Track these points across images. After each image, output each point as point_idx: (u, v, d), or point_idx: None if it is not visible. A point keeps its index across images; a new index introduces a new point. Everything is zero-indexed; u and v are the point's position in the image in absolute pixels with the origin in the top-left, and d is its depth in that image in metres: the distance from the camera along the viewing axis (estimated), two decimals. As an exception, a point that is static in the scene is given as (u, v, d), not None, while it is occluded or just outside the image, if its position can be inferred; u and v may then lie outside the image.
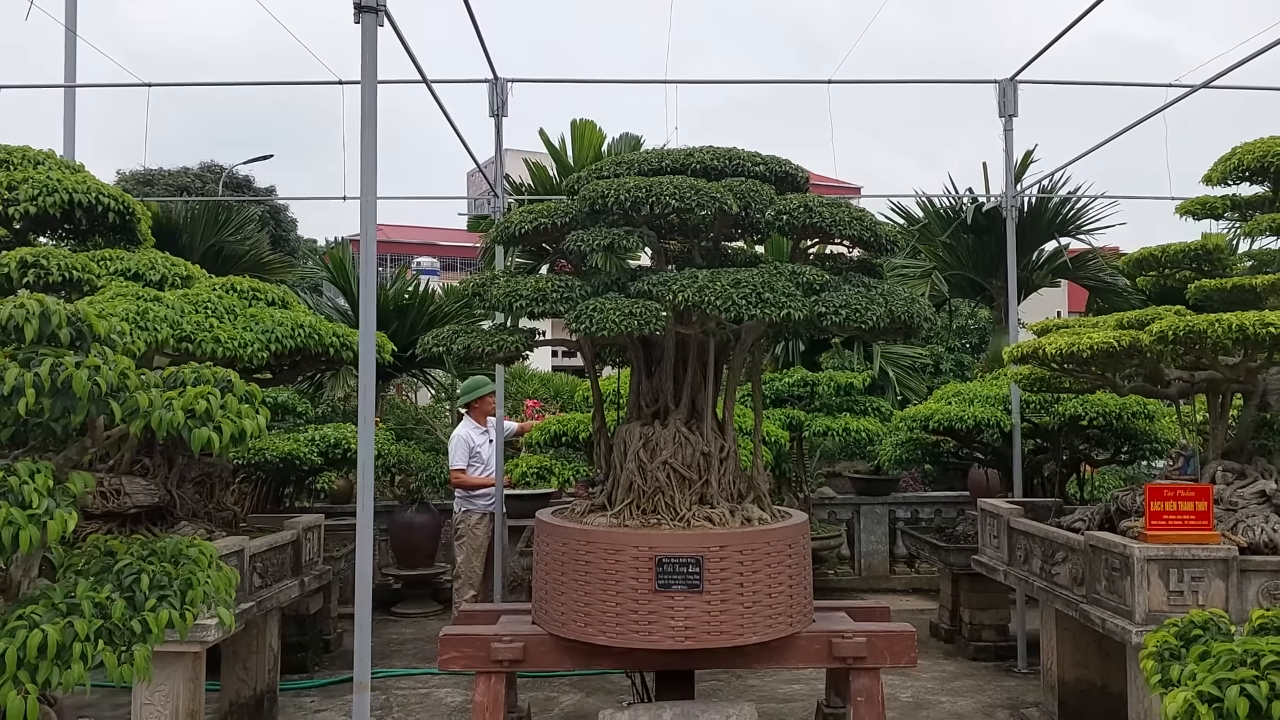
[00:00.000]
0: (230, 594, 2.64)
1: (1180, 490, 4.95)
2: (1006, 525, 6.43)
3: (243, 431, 2.40)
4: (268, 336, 4.87)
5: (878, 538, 10.86)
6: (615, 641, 4.77)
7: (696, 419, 5.18)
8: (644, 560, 4.72)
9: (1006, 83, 7.82)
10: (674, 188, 4.69)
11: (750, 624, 4.78)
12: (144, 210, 5.76)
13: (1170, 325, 5.02)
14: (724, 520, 4.97)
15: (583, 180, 5.16)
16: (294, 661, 7.33)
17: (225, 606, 2.47)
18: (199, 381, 2.43)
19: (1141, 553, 4.80)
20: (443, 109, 6.85)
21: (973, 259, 11.94)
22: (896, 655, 5.06)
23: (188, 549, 2.48)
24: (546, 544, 5.10)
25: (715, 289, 4.47)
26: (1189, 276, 6.33)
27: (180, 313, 4.71)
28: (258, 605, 5.38)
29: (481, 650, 4.98)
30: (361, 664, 4.23)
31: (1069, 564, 5.57)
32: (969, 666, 7.67)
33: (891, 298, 4.80)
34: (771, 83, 9.40)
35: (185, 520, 5.38)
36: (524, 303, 4.68)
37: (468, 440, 8.25)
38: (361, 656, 4.25)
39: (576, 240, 4.77)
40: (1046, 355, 5.60)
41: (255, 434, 2.46)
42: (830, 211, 4.87)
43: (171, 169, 30.02)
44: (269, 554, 5.66)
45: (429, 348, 5.11)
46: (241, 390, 2.50)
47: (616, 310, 4.46)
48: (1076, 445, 8.17)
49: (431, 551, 9.72)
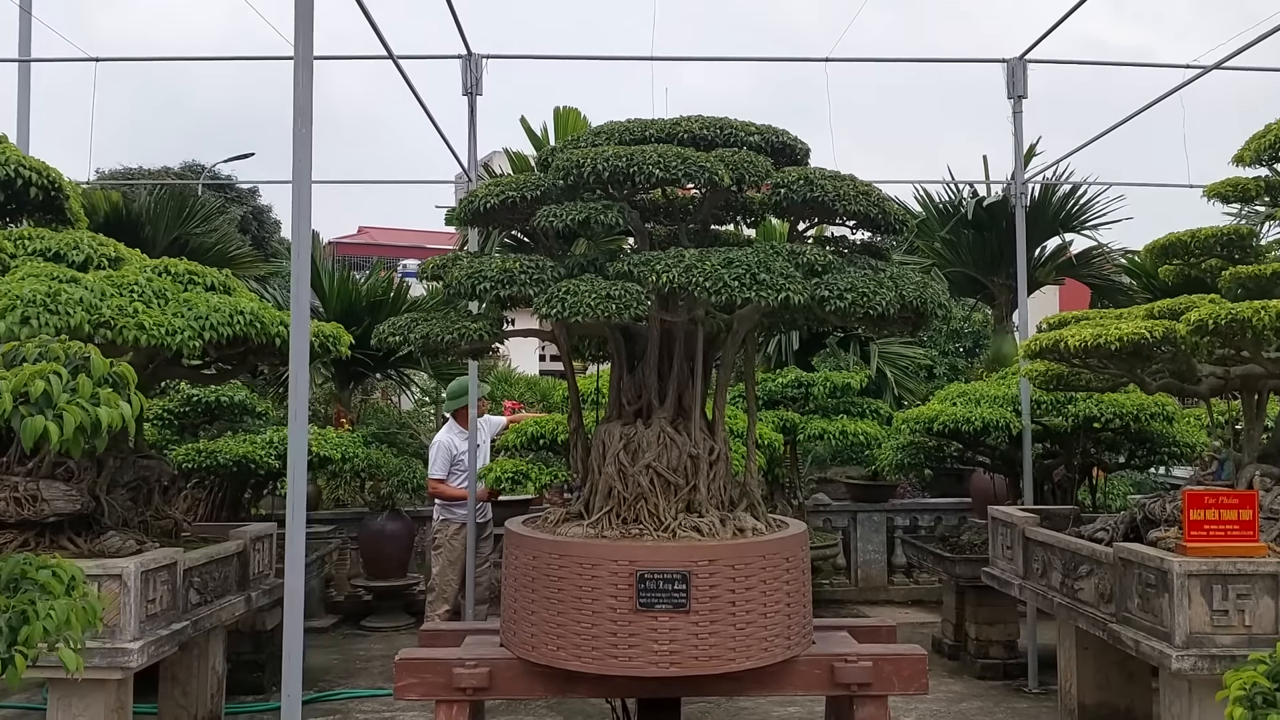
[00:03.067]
0: (95, 624, 2.10)
1: (1222, 497, 4.44)
2: (1021, 535, 5.91)
3: (96, 423, 1.87)
4: (202, 323, 4.32)
5: (875, 546, 10.35)
6: (591, 667, 4.23)
7: (683, 418, 4.64)
8: (623, 575, 4.19)
9: (1015, 61, 7.34)
10: (659, 156, 4.16)
11: (743, 647, 4.25)
12: (73, 187, 5.21)
13: (1209, 314, 4.51)
14: (714, 531, 4.44)
15: (556, 151, 4.63)
16: (249, 682, 6.78)
17: (72, 646, 1.94)
18: (45, 359, 1.90)
19: (1181, 567, 4.28)
20: (410, 85, 6.36)
21: (972, 255, 11.44)
22: (906, 681, 4.54)
23: (34, 571, 1.95)
24: (516, 557, 4.56)
25: (704, 269, 3.94)
26: (1217, 265, 5.83)
27: (100, 295, 4.16)
28: (193, 625, 4.83)
29: (442, 676, 4.44)
30: (291, 704, 3.67)
31: (1094, 578, 5.05)
32: (976, 686, 7.15)
33: (902, 281, 4.28)
34: (765, 60, 8.99)
35: (113, 530, 4.82)
36: (488, 284, 4.14)
37: (449, 447, 7.69)
38: (291, 689, 3.69)
39: (547, 216, 4.24)
40: (1069, 349, 5.08)
41: (116, 425, 1.93)
42: (834, 185, 4.35)
43: (153, 168, 29.46)
44: (209, 567, 5.10)
45: (385, 337, 4.57)
46: (101, 371, 1.97)
47: (592, 293, 3.93)
48: (1088, 449, 7.66)
49: (404, 561, 9.17)
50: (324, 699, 6.78)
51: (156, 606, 4.52)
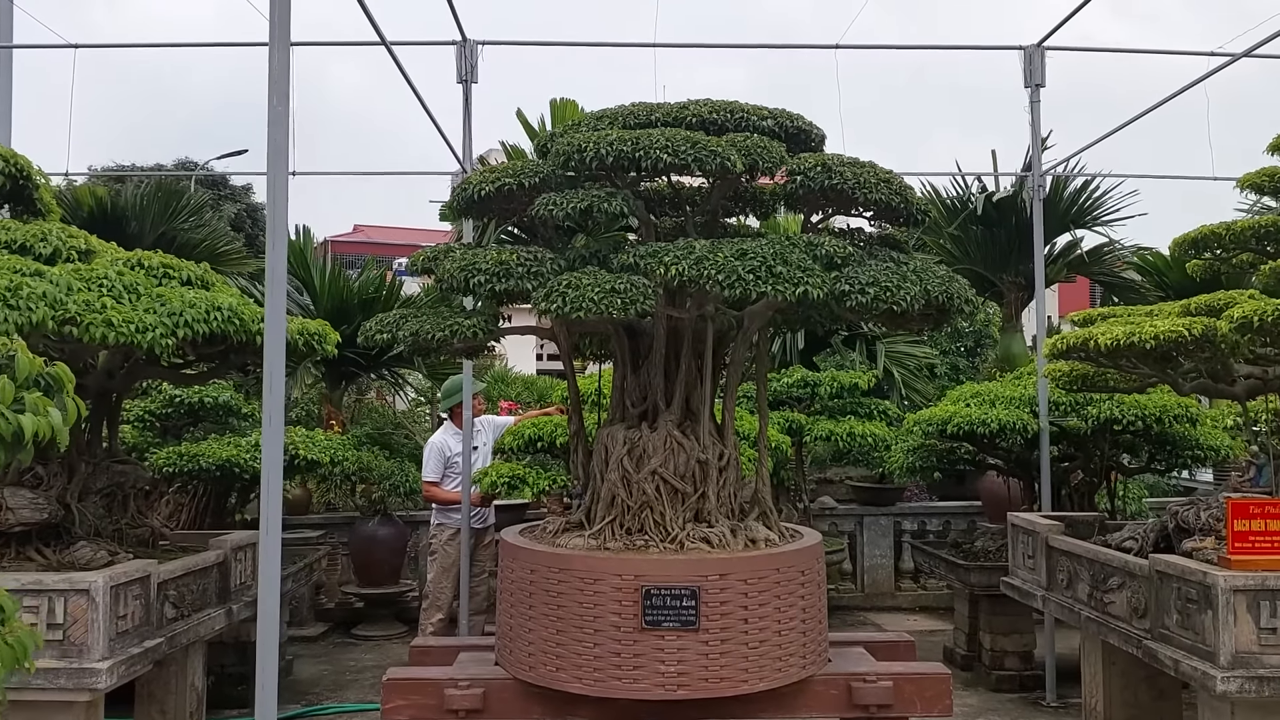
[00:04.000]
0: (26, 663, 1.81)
1: (1268, 507, 4.16)
2: (1044, 544, 5.62)
3: (19, 432, 1.57)
4: (175, 320, 4.02)
5: (882, 551, 10.05)
6: (593, 690, 3.94)
7: (691, 421, 4.35)
8: (628, 591, 3.90)
9: (1033, 49, 7.04)
10: (666, 140, 3.87)
11: (756, 668, 3.96)
12: (41, 175, 4.91)
13: (1255, 310, 4.23)
14: (724, 542, 4.15)
15: (556, 136, 4.34)
16: (234, 695, 6.46)
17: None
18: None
19: (1227, 582, 3.99)
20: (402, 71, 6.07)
21: (981, 252, 11.17)
22: (929, 703, 4.25)
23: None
24: (512, 570, 4.27)
25: (716, 261, 3.65)
26: (1249, 260, 5.56)
27: (66, 290, 3.86)
28: (169, 641, 4.53)
29: (433, 698, 4.14)
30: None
31: (1126, 591, 4.76)
32: (992, 699, 6.86)
33: (926, 275, 3.99)
34: (772, 47, 8.61)
35: (84, 540, 4.52)
36: (483, 278, 3.84)
37: (443, 449, 7.37)
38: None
39: (546, 205, 3.95)
40: (1099, 348, 4.80)
41: (45, 436, 1.64)
42: (854, 172, 4.07)
43: (146, 165, 29.16)
44: (186, 579, 4.80)
45: (372, 334, 4.28)
46: (31, 371, 1.67)
47: (595, 287, 3.64)
48: (1108, 452, 7.37)
49: (396, 567, 8.85)
50: (311, 714, 6.48)
51: (128, 623, 4.22)
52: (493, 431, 7.55)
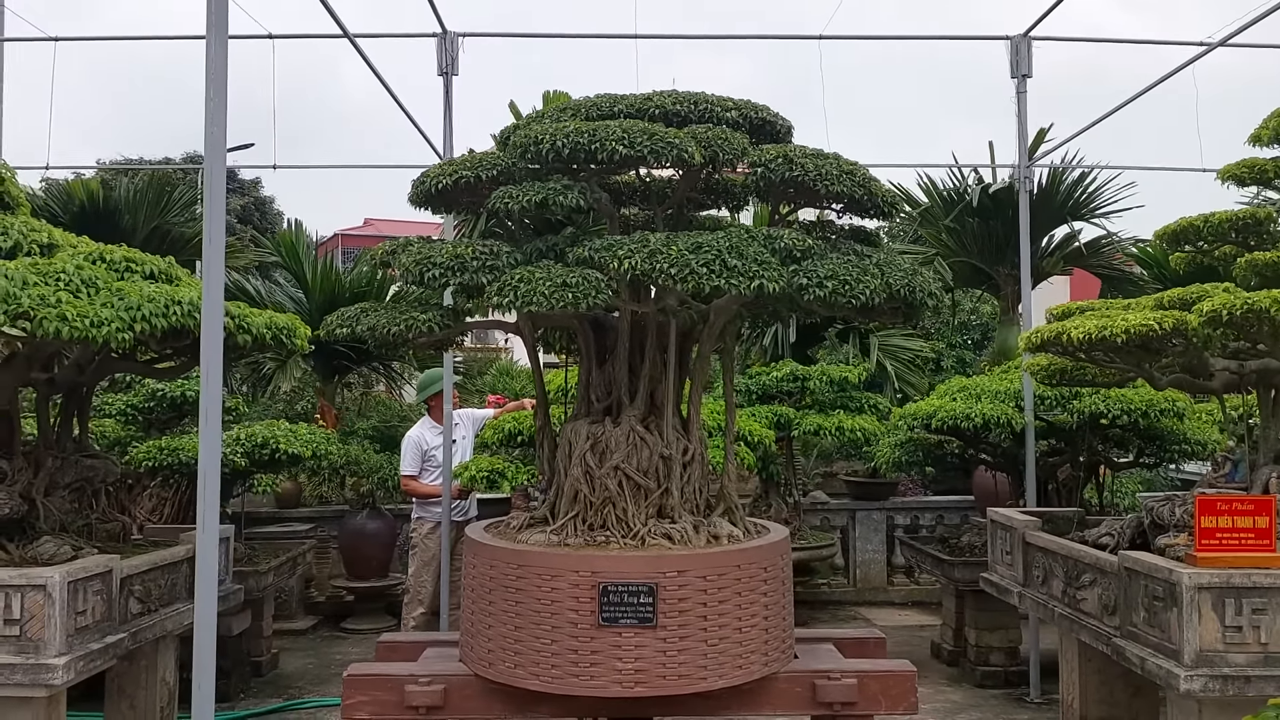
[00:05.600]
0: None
1: (1236, 503, 4.09)
2: (1021, 540, 5.56)
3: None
4: (132, 314, 3.98)
5: (874, 546, 10.02)
6: (551, 687, 3.91)
7: (655, 416, 4.31)
8: (585, 588, 3.86)
9: (1020, 39, 6.97)
10: (623, 132, 3.82)
11: (715, 665, 3.92)
12: (7, 169, 4.88)
13: (1223, 304, 4.16)
14: (686, 537, 4.11)
15: (518, 127, 4.30)
16: (214, 689, 6.48)
17: None
18: None
19: (1191, 579, 3.93)
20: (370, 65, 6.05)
21: (978, 245, 11.07)
22: (894, 700, 4.19)
23: None
24: (474, 566, 4.24)
25: (669, 255, 3.60)
26: (1231, 252, 5.47)
27: (21, 284, 3.84)
28: (132, 636, 4.52)
29: (393, 694, 4.11)
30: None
31: (1098, 588, 4.70)
32: (975, 695, 6.82)
33: (889, 268, 3.94)
34: (755, 38, 8.56)
35: (48, 535, 4.51)
36: (437, 271, 3.81)
37: (420, 442, 7.37)
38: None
39: (501, 198, 3.91)
40: (1071, 341, 4.74)
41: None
42: (815, 163, 4.01)
43: (154, 159, 29.19)
44: (153, 575, 4.80)
45: (332, 329, 4.26)
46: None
47: (547, 281, 3.60)
48: (1095, 446, 7.30)
49: (385, 561, 8.87)
50: (291, 707, 6.49)
51: (88, 618, 4.21)
52: (472, 425, 7.53)
